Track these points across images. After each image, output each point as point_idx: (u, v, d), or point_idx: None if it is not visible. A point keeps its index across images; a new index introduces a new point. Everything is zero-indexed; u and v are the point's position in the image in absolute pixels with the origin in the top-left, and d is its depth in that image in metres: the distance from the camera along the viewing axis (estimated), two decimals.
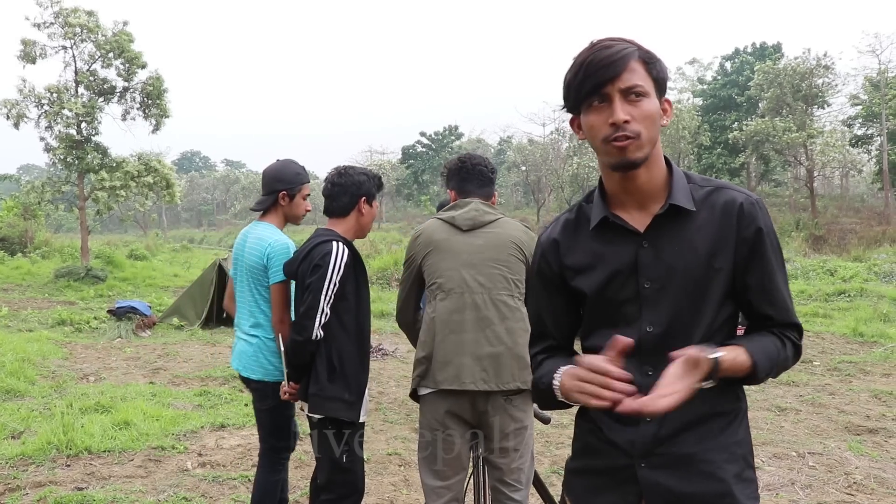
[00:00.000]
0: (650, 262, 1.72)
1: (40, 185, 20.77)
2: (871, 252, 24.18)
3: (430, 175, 68.41)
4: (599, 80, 1.62)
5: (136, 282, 19.48)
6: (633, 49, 1.64)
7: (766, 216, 1.74)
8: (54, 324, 12.49)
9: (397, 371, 9.02)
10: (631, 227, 1.74)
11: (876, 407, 7.06)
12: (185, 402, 7.27)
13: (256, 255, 3.57)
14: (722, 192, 1.74)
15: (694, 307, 1.71)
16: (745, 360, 1.64)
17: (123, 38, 20.15)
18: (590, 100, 1.66)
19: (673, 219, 1.72)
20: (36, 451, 5.48)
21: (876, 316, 12.38)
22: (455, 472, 3.28)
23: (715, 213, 1.72)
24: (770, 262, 1.72)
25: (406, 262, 3.45)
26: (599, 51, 1.63)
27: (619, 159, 1.65)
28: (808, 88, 37.59)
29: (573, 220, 1.88)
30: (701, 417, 1.73)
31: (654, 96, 1.66)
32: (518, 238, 3.31)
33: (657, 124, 1.67)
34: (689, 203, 1.72)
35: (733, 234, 1.70)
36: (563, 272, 1.85)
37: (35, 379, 8.15)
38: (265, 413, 3.71)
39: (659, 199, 1.74)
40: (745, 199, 1.73)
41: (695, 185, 1.76)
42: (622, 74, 1.61)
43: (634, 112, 1.62)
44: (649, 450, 1.74)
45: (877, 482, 5.02)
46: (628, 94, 1.62)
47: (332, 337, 3.25)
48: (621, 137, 1.62)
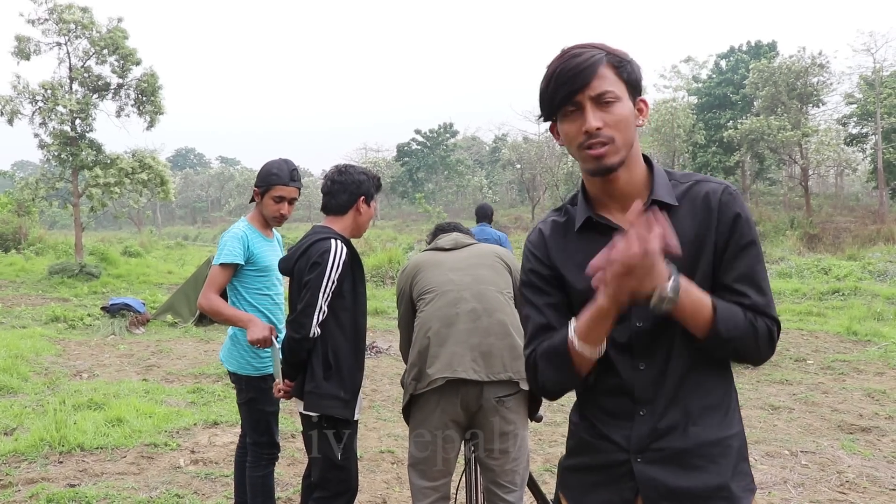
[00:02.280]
0: None
1: (34, 182, 20.67)
2: (866, 251, 24.22)
3: (424, 173, 68.49)
4: (570, 89, 1.66)
5: (130, 279, 19.44)
6: (601, 55, 1.67)
7: (742, 204, 1.76)
8: (48, 320, 12.46)
9: (391, 369, 9.02)
10: (615, 225, 1.76)
11: (869, 406, 7.08)
12: (178, 399, 7.26)
13: (220, 247, 3.78)
14: (700, 185, 1.78)
15: None
16: (706, 307, 1.64)
17: (118, 34, 20.06)
18: (563, 108, 1.70)
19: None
20: (28, 447, 5.47)
21: (870, 315, 12.39)
22: (443, 473, 3.31)
23: (696, 206, 1.75)
24: (746, 250, 1.73)
25: (398, 297, 3.56)
26: (569, 59, 1.67)
27: (596, 166, 1.69)
28: (803, 87, 37.70)
29: (562, 223, 1.90)
30: (695, 412, 1.74)
31: (626, 99, 1.69)
32: (499, 251, 3.49)
33: (631, 127, 1.70)
34: (672, 198, 1.75)
35: (714, 223, 1.72)
36: (554, 270, 1.86)
37: (28, 375, 8.13)
38: (242, 407, 3.88)
39: (641, 197, 1.75)
40: (723, 189, 1.76)
41: (675, 182, 1.80)
42: (592, 82, 1.65)
43: (607, 118, 1.65)
44: (645, 445, 1.74)
45: (869, 481, 5.03)
46: (599, 100, 1.65)
47: (329, 335, 3.24)
48: (596, 144, 1.66)
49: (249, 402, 3.80)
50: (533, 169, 53.24)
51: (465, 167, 70.46)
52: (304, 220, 69.40)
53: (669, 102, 43.15)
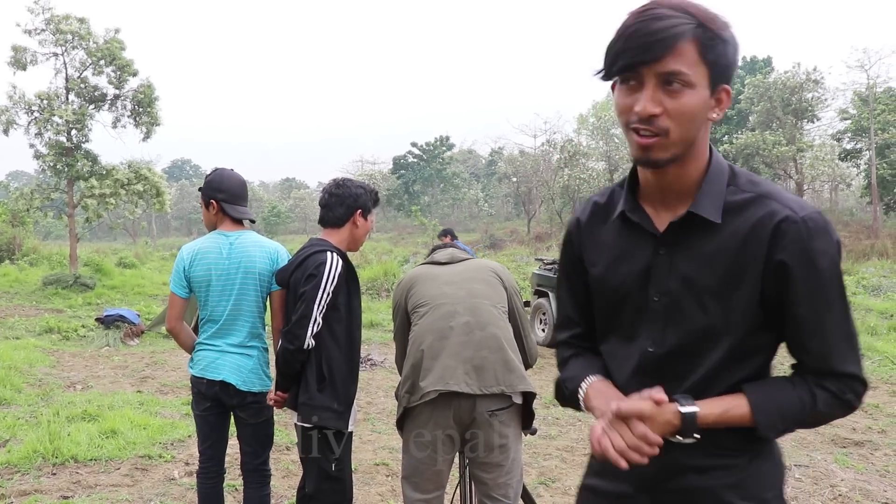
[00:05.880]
0: (664, 273, 1.52)
1: (29, 192, 20.65)
2: (860, 266, 24.30)
3: (420, 185, 68.56)
4: (636, 58, 1.37)
5: (124, 290, 19.38)
6: (688, 26, 1.35)
7: (818, 237, 1.40)
8: (42, 331, 12.42)
9: (386, 381, 9.00)
10: (650, 228, 1.53)
11: (862, 420, 7.09)
12: (172, 411, 7.24)
13: (266, 262, 3.55)
14: (762, 202, 1.45)
15: (708, 332, 1.48)
16: (741, 413, 1.45)
17: (115, 45, 20.12)
18: (623, 75, 1.42)
19: (695, 228, 1.48)
20: (22, 459, 5.45)
21: (864, 329, 12.42)
22: (436, 486, 3.32)
23: (745, 227, 1.44)
24: (809, 296, 1.42)
25: (393, 310, 3.57)
26: (648, 21, 1.35)
27: (640, 155, 1.43)
28: (797, 102, 37.94)
29: (603, 206, 1.66)
30: (712, 455, 1.53)
31: (702, 87, 1.39)
32: (494, 266, 3.52)
33: (696, 121, 1.41)
34: (716, 213, 1.46)
35: (762, 256, 1.42)
36: (582, 256, 1.69)
37: (22, 387, 8.10)
38: (262, 425, 3.65)
39: (689, 199, 1.50)
40: (789, 214, 1.41)
41: (736, 188, 1.48)
42: (664, 58, 1.35)
43: (669, 104, 1.37)
44: (653, 484, 1.59)
45: (862, 494, 5.04)
46: (666, 80, 1.37)
47: (323, 347, 3.26)
48: (645, 132, 1.39)
49: (271, 418, 3.67)
50: (529, 182, 53.37)
51: (462, 180, 70.66)
52: (298, 233, 69.38)
53: None
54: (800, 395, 1.46)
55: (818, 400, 1.45)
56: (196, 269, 3.62)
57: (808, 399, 1.45)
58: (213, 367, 3.57)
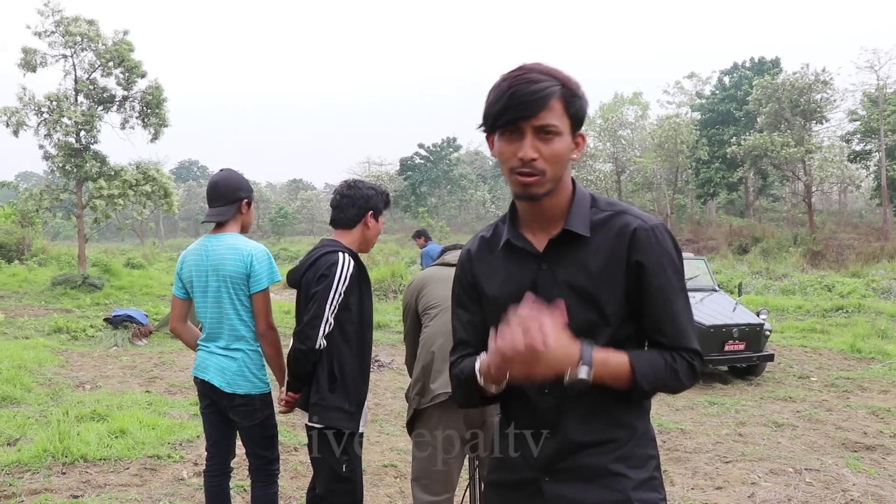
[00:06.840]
0: (548, 284, 1.78)
1: (38, 193, 20.71)
2: (869, 268, 24.23)
3: (427, 187, 68.53)
4: (517, 115, 1.66)
5: (132, 290, 19.46)
6: (556, 87, 1.67)
7: (663, 242, 1.76)
8: (51, 331, 12.47)
9: (394, 383, 9.01)
10: (531, 250, 1.81)
11: (873, 424, 7.06)
12: (181, 411, 7.25)
13: (237, 265, 3.50)
14: (619, 217, 1.78)
15: (590, 328, 1.74)
16: (622, 360, 1.69)
17: (123, 47, 20.19)
18: (504, 129, 1.70)
19: (568, 243, 1.78)
20: (32, 458, 5.46)
21: (874, 332, 12.39)
22: (446, 487, 3.31)
23: (609, 238, 1.76)
24: (661, 288, 1.75)
25: (404, 311, 3.58)
26: (524, 84, 1.65)
27: (522, 192, 1.72)
28: (806, 103, 37.73)
29: (489, 239, 1.95)
30: (600, 432, 1.77)
31: (566, 134, 1.70)
32: None
33: (563, 161, 1.72)
34: (585, 228, 1.77)
35: (623, 259, 1.74)
36: (476, 285, 1.93)
37: (31, 386, 8.13)
38: (255, 428, 3.64)
39: (561, 222, 1.80)
40: (640, 224, 1.76)
41: (597, 209, 1.81)
42: (540, 113, 1.65)
43: (544, 150, 1.67)
44: (551, 464, 1.80)
45: (874, 499, 5.01)
46: (541, 132, 1.67)
47: (335, 347, 3.25)
48: (526, 173, 1.68)
49: (266, 420, 3.65)
50: None
51: (469, 181, 70.62)
52: (306, 234, 69.46)
53: (672, 118, 43.21)
54: (665, 359, 1.74)
55: (678, 366, 1.75)
56: (184, 271, 3.69)
57: (672, 363, 1.74)
58: (202, 367, 3.63)
